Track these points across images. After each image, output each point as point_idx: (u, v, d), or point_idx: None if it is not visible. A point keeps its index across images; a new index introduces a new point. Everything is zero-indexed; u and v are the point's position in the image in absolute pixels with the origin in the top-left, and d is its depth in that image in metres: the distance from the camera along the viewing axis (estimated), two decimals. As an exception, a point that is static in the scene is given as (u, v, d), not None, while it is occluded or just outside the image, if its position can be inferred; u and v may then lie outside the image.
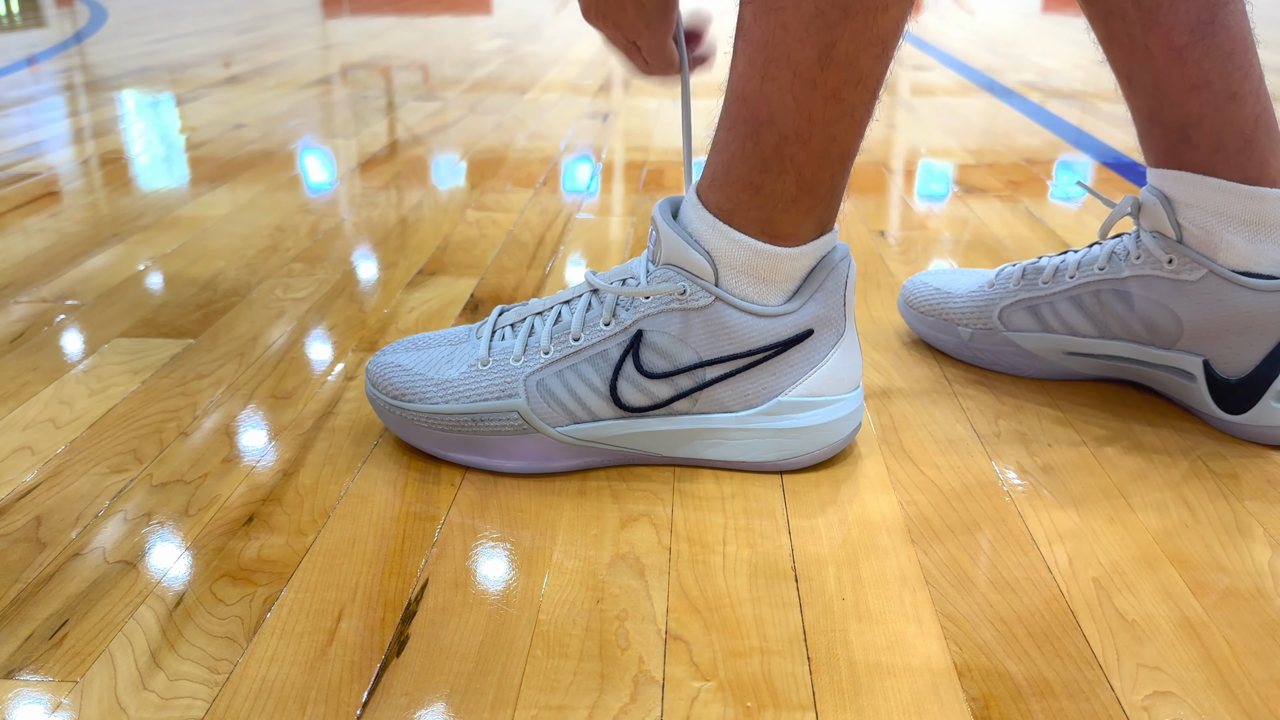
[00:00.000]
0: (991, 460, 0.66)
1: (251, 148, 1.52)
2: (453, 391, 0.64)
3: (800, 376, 0.63)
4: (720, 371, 0.62)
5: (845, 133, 0.58)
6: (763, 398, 0.63)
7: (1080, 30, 3.01)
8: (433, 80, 2.13)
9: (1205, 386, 0.69)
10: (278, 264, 1.02)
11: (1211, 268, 0.67)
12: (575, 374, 0.63)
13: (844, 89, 0.57)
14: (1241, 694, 0.47)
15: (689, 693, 0.46)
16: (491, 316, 0.67)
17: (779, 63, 0.56)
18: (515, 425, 0.63)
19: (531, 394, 0.63)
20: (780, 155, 0.58)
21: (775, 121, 0.58)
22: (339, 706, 0.45)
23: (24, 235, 1.10)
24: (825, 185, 0.60)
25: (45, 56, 2.45)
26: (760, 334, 0.62)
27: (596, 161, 1.45)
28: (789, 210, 0.60)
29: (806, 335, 0.62)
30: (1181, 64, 0.65)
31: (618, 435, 0.63)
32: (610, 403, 0.63)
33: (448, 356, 0.66)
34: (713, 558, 0.56)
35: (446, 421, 0.63)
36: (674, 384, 0.62)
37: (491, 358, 0.64)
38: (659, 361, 0.62)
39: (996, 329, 0.77)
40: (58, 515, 0.59)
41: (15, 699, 0.46)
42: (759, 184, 0.59)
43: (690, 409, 0.63)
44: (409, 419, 0.64)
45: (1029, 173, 1.38)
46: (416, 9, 3.63)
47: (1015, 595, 0.53)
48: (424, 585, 0.54)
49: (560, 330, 0.63)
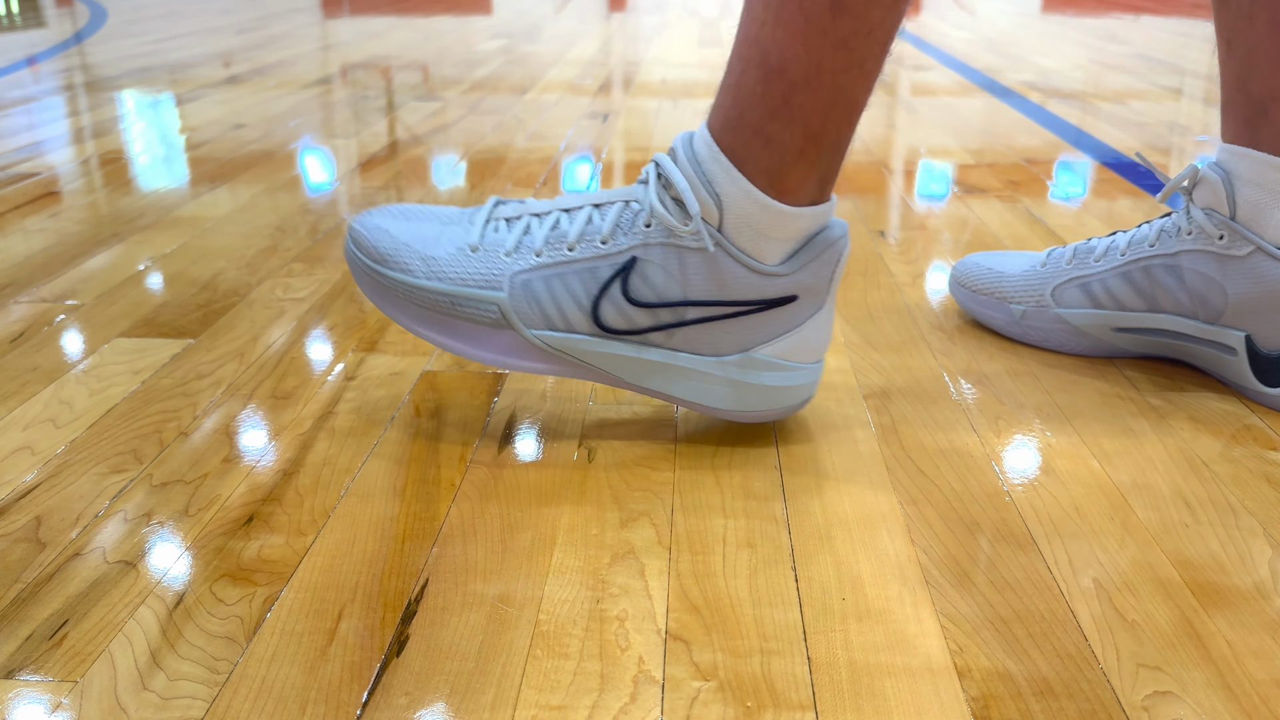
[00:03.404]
0: (991, 460, 0.66)
1: (251, 148, 1.52)
2: (437, 270, 0.64)
3: (773, 337, 0.64)
4: (700, 314, 0.63)
5: (853, 83, 0.59)
6: (733, 348, 0.64)
7: (1080, 30, 3.01)
8: (433, 80, 2.13)
9: (1246, 360, 0.71)
10: (278, 264, 1.02)
11: (1259, 244, 0.69)
12: (561, 283, 0.63)
13: (853, 38, 0.57)
14: (1241, 694, 0.47)
15: (689, 693, 0.46)
16: (488, 205, 0.67)
17: (791, 7, 0.57)
18: (492, 318, 0.63)
19: (515, 291, 0.63)
20: (789, 103, 0.59)
21: (785, 69, 0.58)
22: (339, 706, 0.45)
23: (24, 235, 1.10)
24: (831, 138, 0.60)
25: (45, 56, 2.45)
26: (749, 288, 0.62)
27: (596, 161, 1.45)
28: (796, 163, 0.60)
29: (790, 299, 0.63)
30: (1279, 38, 0.68)
31: (587, 351, 0.64)
32: (589, 319, 0.63)
33: (437, 234, 0.65)
34: (713, 558, 0.56)
35: (424, 297, 0.64)
36: (654, 315, 0.63)
37: (483, 246, 0.64)
38: (645, 291, 0.63)
39: (1049, 306, 0.80)
40: (58, 515, 0.59)
41: (15, 699, 0.46)
42: (769, 133, 0.60)
43: (663, 343, 0.64)
44: (386, 285, 0.64)
45: (1029, 173, 1.38)
46: (416, 9, 3.63)
47: (1015, 595, 0.53)
48: (424, 585, 0.54)
49: (556, 237, 0.63)
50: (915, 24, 3.23)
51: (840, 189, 1.31)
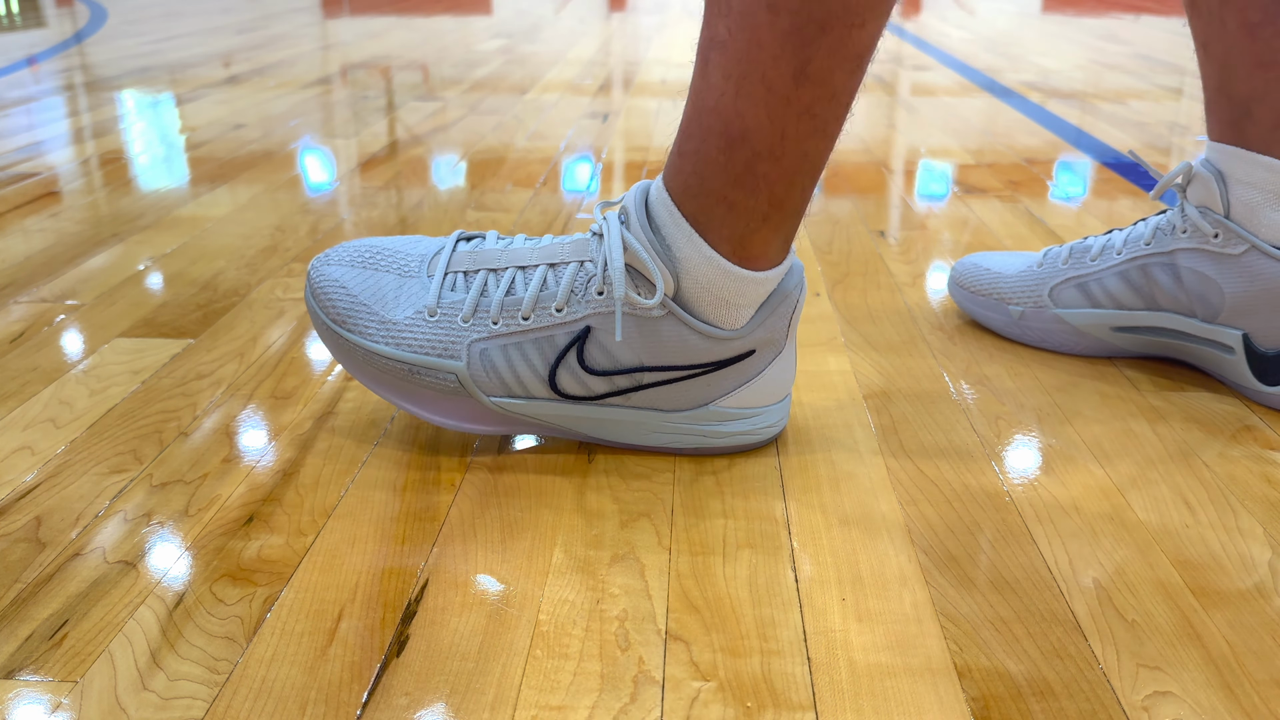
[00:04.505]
0: (991, 460, 0.66)
1: (251, 148, 1.52)
2: (395, 336, 0.64)
3: (733, 389, 0.64)
4: (657, 378, 0.63)
5: (816, 148, 0.58)
6: (693, 403, 0.64)
7: (1080, 30, 3.01)
8: (433, 80, 2.13)
9: (1244, 359, 0.71)
10: (278, 264, 1.02)
11: (1254, 242, 0.69)
12: (518, 351, 0.63)
13: (817, 104, 0.56)
14: (1241, 694, 0.47)
15: (689, 693, 0.46)
16: (447, 249, 0.66)
17: (753, 79, 0.56)
18: (450, 386, 0.64)
19: (473, 360, 0.63)
20: (753, 172, 0.58)
21: (748, 138, 0.57)
22: (339, 706, 0.45)
23: (24, 235, 1.10)
24: (795, 202, 0.60)
25: (45, 56, 2.45)
26: (706, 352, 0.63)
27: (596, 161, 1.45)
28: (760, 229, 0.60)
29: (748, 355, 0.63)
30: (1252, 40, 0.68)
31: (546, 414, 0.65)
32: (547, 386, 0.63)
33: (395, 290, 0.65)
34: (713, 557, 0.56)
35: (382, 363, 0.64)
36: (611, 382, 0.63)
37: (439, 308, 0.64)
38: (601, 358, 0.63)
39: (1047, 306, 0.80)
40: (58, 515, 0.59)
41: (15, 699, 0.46)
42: (733, 200, 0.59)
43: (623, 404, 0.64)
44: (345, 346, 0.65)
45: (1029, 173, 1.38)
46: (416, 9, 3.63)
47: (1015, 595, 0.53)
48: (424, 585, 0.54)
49: (512, 304, 0.63)
50: (915, 24, 3.23)
51: (840, 189, 1.31)
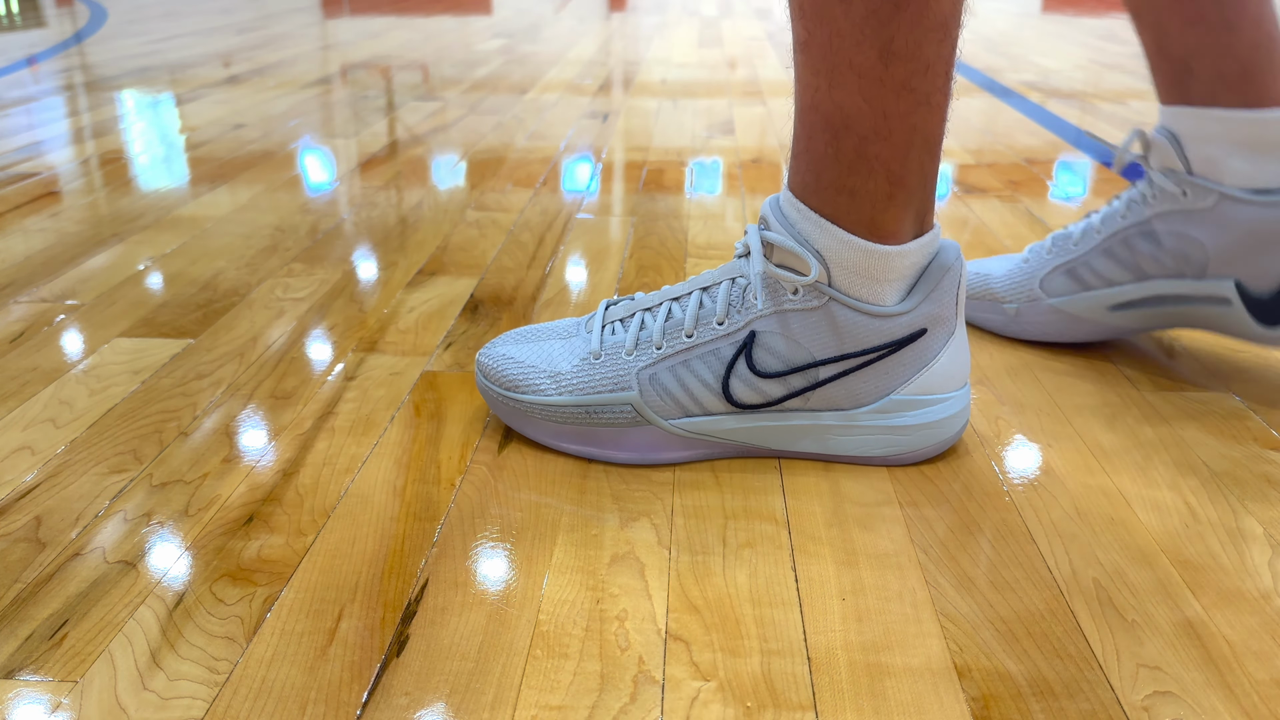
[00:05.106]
0: (991, 460, 0.66)
1: (251, 148, 1.52)
2: (566, 384, 0.65)
3: (912, 375, 0.64)
4: (833, 371, 0.63)
5: (925, 121, 0.59)
6: (874, 396, 0.64)
7: (1080, 30, 3.01)
8: (433, 80, 2.13)
9: (1242, 307, 0.72)
10: (278, 264, 1.02)
11: (1221, 191, 0.71)
12: (688, 369, 0.64)
13: (912, 79, 0.57)
14: (1241, 694, 0.47)
15: (689, 693, 0.46)
16: (599, 310, 0.68)
17: (842, 68, 0.57)
18: (628, 417, 0.64)
19: (644, 387, 0.64)
20: (864, 156, 0.59)
21: (851, 125, 0.58)
22: (339, 706, 0.46)
23: (24, 235, 1.10)
24: (915, 177, 0.60)
25: (45, 56, 2.45)
26: (874, 333, 0.62)
27: (596, 161, 1.45)
28: (888, 207, 0.60)
29: (920, 334, 0.63)
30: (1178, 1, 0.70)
31: (728, 429, 0.64)
32: (722, 399, 0.64)
33: (559, 350, 0.67)
34: (712, 558, 0.56)
35: (560, 413, 0.65)
36: (786, 383, 0.63)
37: (604, 351, 0.65)
38: (771, 361, 0.63)
39: (1040, 299, 0.80)
40: (58, 515, 0.59)
41: (15, 699, 0.46)
42: (852, 187, 0.60)
43: (802, 406, 0.64)
44: (522, 410, 0.66)
45: (1029, 173, 1.38)
46: (416, 9, 3.63)
47: (1015, 595, 0.53)
48: (424, 585, 0.54)
49: (673, 326, 0.64)
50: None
51: (840, 189, 1.31)
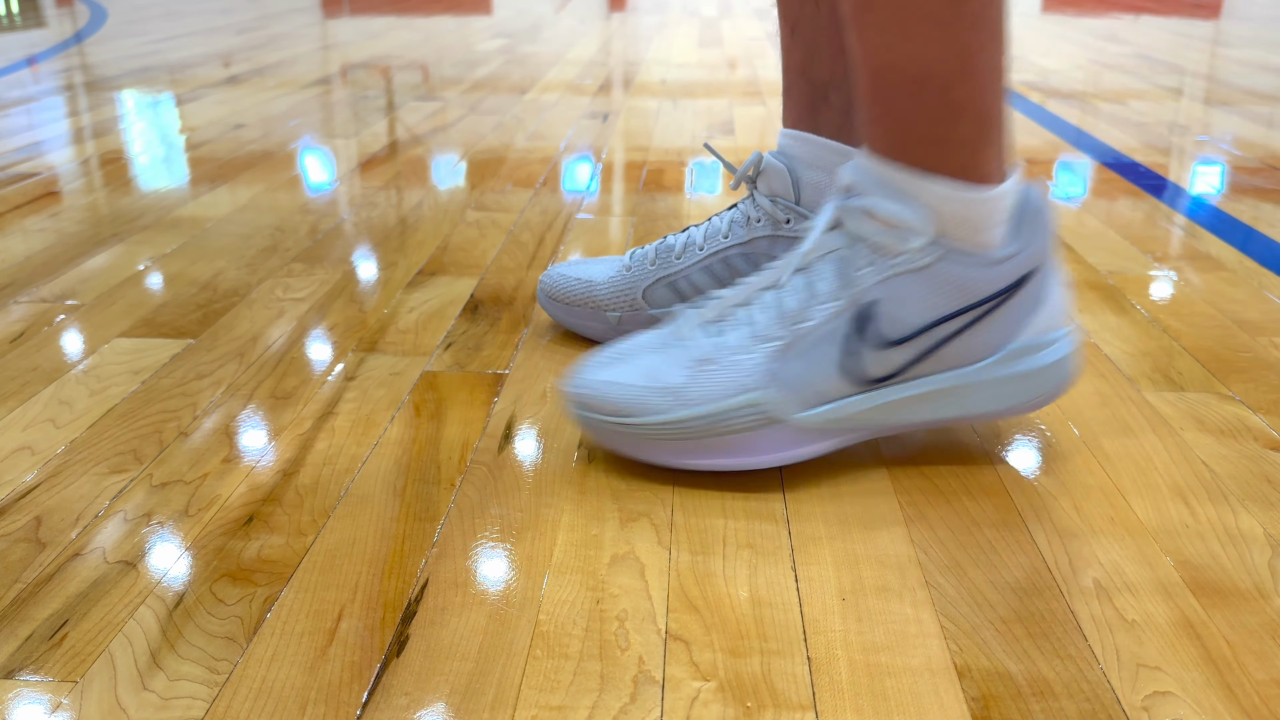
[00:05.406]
0: (991, 460, 0.66)
1: (251, 148, 1.52)
2: (685, 398, 0.62)
3: (1027, 318, 0.63)
4: (955, 326, 0.61)
5: (997, 54, 0.59)
6: (995, 347, 0.63)
7: (1080, 30, 3.01)
8: (433, 80, 2.13)
9: None
10: (278, 264, 1.02)
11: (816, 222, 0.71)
12: (810, 356, 0.62)
13: (983, 10, 0.57)
14: (1241, 694, 0.47)
15: (689, 693, 0.46)
16: (684, 316, 0.66)
17: (913, 20, 0.57)
18: (757, 419, 0.62)
19: (767, 384, 0.62)
20: (949, 102, 0.58)
21: (932, 73, 0.57)
22: (339, 706, 0.46)
23: (24, 235, 1.10)
24: (996, 112, 0.60)
25: (45, 56, 2.45)
26: (989, 281, 0.61)
27: (596, 161, 1.45)
28: (980, 148, 0.60)
29: (1031, 274, 0.62)
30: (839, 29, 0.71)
31: (858, 411, 0.63)
32: (849, 378, 0.62)
33: (660, 364, 0.64)
34: (713, 558, 0.56)
35: (684, 429, 0.62)
36: (914, 346, 0.62)
37: (716, 356, 0.63)
38: (894, 327, 0.61)
39: (643, 309, 0.81)
40: (58, 515, 0.59)
41: (15, 699, 0.46)
42: (942, 136, 0.59)
43: (926, 371, 0.63)
44: (638, 434, 0.63)
45: (1029, 173, 1.38)
46: (416, 9, 3.63)
47: (1015, 595, 0.53)
48: (424, 585, 0.54)
49: (787, 316, 0.62)
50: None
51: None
